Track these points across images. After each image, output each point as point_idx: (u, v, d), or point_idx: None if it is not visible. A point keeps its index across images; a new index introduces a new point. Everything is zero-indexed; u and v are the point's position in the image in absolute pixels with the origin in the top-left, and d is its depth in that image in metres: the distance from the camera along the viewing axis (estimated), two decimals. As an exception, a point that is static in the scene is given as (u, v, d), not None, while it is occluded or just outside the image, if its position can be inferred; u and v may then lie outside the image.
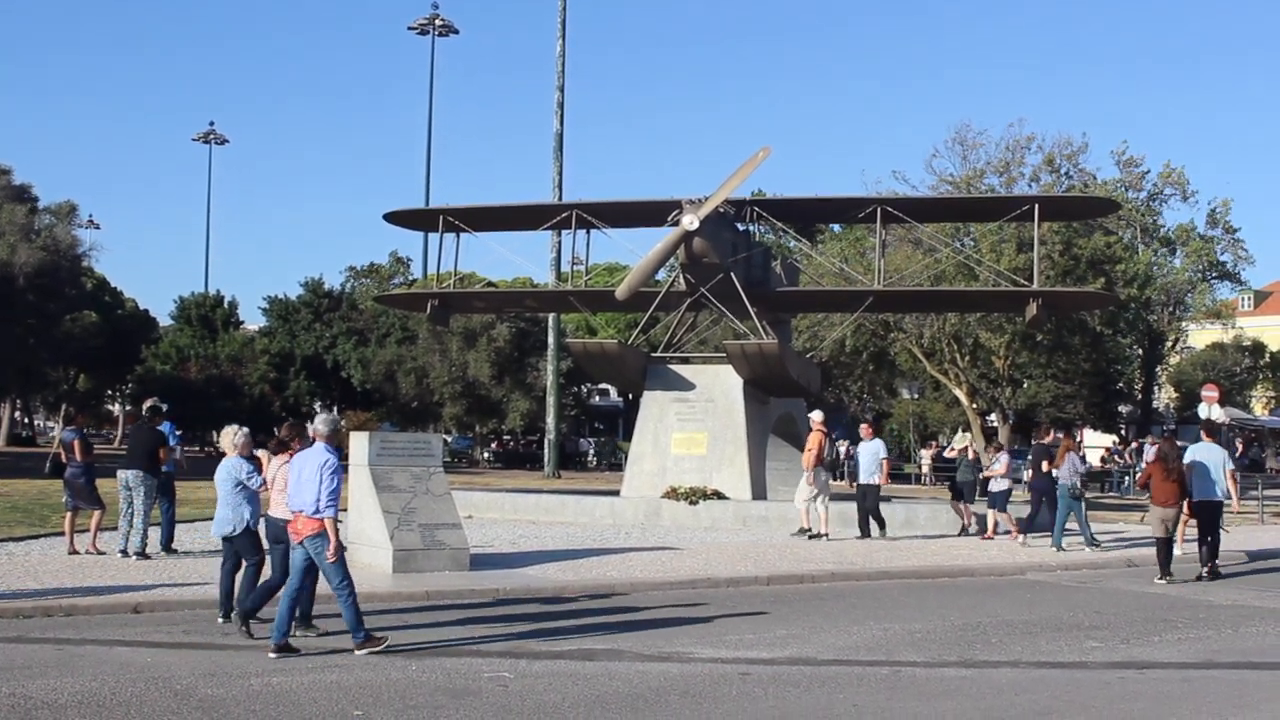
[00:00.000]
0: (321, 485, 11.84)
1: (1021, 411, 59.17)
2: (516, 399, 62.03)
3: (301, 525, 12.01)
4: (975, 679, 11.53)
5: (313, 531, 11.94)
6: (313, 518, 11.90)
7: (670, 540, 23.08)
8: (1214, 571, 20.38)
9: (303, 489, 11.99)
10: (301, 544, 12.08)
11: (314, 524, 11.92)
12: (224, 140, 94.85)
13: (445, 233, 31.75)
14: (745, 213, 30.48)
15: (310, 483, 11.92)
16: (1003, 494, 24.71)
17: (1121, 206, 49.95)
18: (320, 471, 11.88)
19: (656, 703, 10.20)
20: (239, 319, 78.95)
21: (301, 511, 11.99)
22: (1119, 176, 57.41)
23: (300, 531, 12.04)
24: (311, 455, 12.11)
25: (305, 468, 12.06)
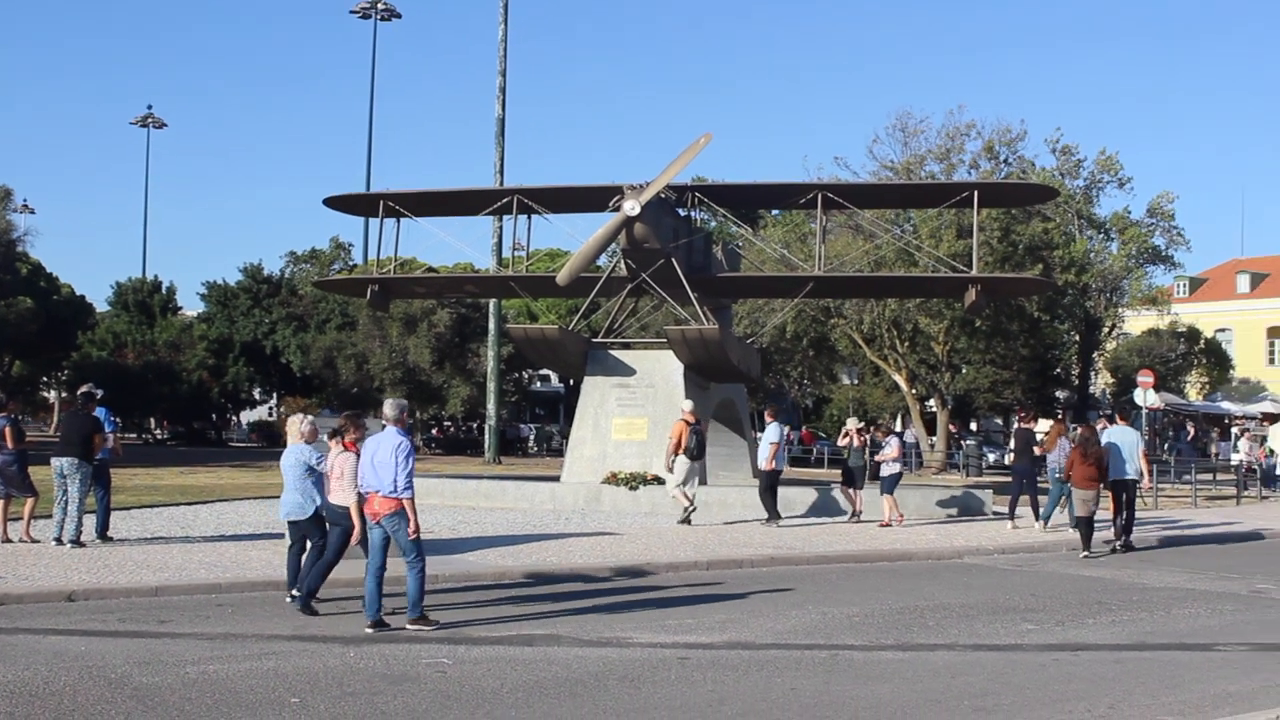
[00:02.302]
0: (398, 468, 12.43)
1: (960, 397, 59.66)
2: (457, 385, 61.80)
3: (379, 505, 12.57)
4: (912, 662, 11.62)
5: (390, 510, 12.52)
6: (389, 497, 12.48)
7: (610, 525, 23.10)
8: (1128, 545, 22.06)
9: (378, 471, 12.53)
10: (379, 523, 12.63)
11: (391, 503, 12.51)
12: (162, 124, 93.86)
13: (386, 218, 31.56)
14: (687, 198, 30.48)
15: (385, 465, 12.47)
16: (892, 478, 24.71)
17: (1059, 193, 50.34)
18: (395, 454, 12.46)
19: (595, 687, 10.21)
20: (177, 305, 78.19)
21: (378, 492, 12.54)
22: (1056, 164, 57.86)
23: (378, 511, 12.59)
24: (385, 439, 12.64)
25: (379, 451, 12.59)
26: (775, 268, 44.14)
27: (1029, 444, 25.50)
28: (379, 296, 33.38)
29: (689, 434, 23.78)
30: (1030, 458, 25.25)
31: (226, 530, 21.06)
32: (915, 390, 56.20)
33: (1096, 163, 58.96)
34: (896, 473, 24.88)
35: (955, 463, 52.87)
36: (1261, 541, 25.08)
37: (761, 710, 9.54)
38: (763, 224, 59.50)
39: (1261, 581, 18.05)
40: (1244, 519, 28.73)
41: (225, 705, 9.36)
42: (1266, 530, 26.51)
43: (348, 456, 13.28)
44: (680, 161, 26.72)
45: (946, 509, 26.97)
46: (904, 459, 25.58)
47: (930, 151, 54.30)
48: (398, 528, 12.58)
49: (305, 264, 75.80)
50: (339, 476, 13.34)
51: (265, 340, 70.00)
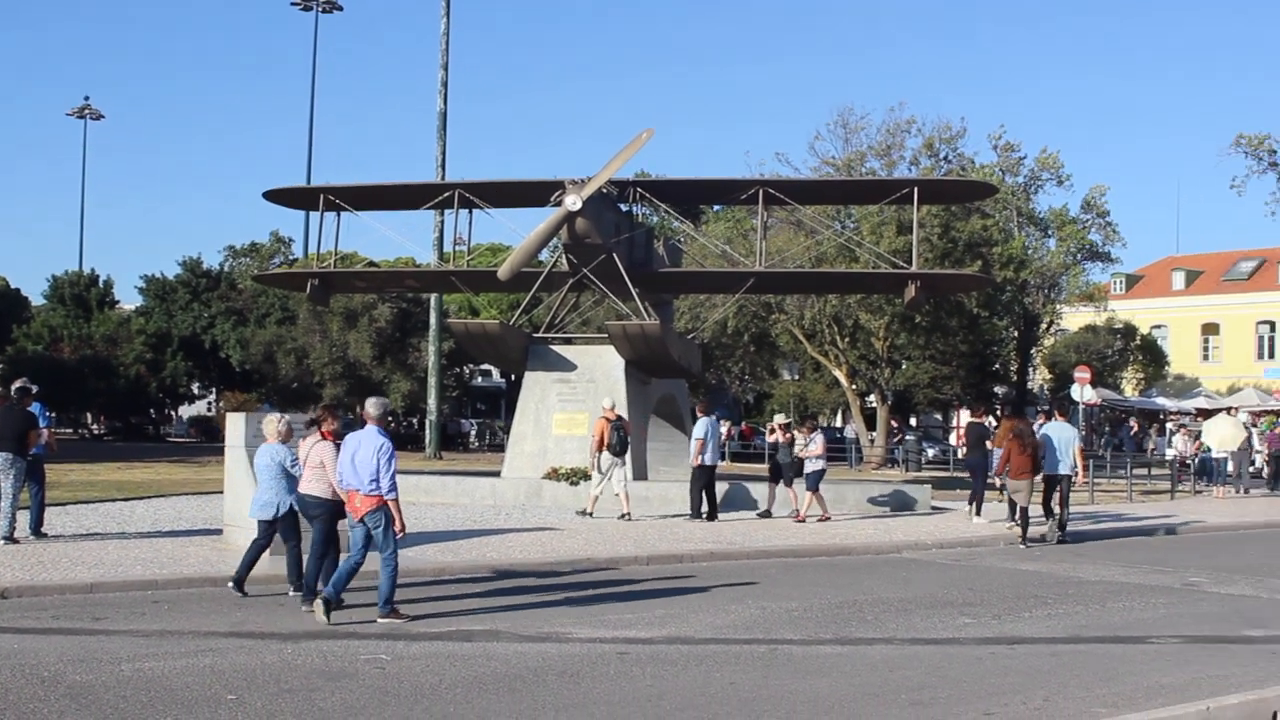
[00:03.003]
0: (381, 469, 12.57)
1: (900, 392, 59.99)
2: (398, 380, 61.57)
3: (360, 502, 12.72)
4: (851, 656, 11.69)
5: (370, 508, 12.67)
6: (370, 495, 12.63)
7: (551, 521, 23.09)
8: (1061, 538, 22.60)
9: (357, 469, 12.67)
10: (361, 520, 12.77)
11: (372, 500, 12.66)
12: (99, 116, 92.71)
13: (326, 211, 31.39)
14: (628, 193, 30.50)
15: (365, 464, 12.61)
16: (816, 474, 24.67)
17: (999, 191, 50.71)
18: (377, 456, 12.59)
19: (534, 683, 10.21)
20: (114, 298, 77.46)
21: (358, 490, 12.69)
22: (996, 161, 58.28)
23: (359, 509, 12.74)
24: (366, 438, 12.76)
25: (360, 450, 12.71)
26: (717, 263, 44.16)
27: (981, 439, 25.83)
28: (319, 291, 33.20)
29: (610, 430, 23.86)
30: (983, 452, 25.57)
31: (163, 526, 20.89)
32: (855, 386, 56.44)
33: (1037, 160, 59.46)
34: (820, 469, 24.78)
35: (895, 458, 53.16)
36: (1195, 535, 25.38)
37: (700, 705, 9.57)
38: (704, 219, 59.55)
39: (1194, 575, 18.27)
40: (1178, 513, 29.07)
41: (160, 703, 9.29)
42: (1199, 524, 26.85)
43: (326, 446, 13.37)
44: (622, 157, 26.73)
45: (878, 505, 27.09)
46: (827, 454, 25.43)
47: (871, 148, 54.51)
48: (377, 524, 12.71)
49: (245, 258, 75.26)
50: (318, 465, 13.37)
51: (204, 335, 69.48)
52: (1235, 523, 27.74)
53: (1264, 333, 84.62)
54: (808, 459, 24.75)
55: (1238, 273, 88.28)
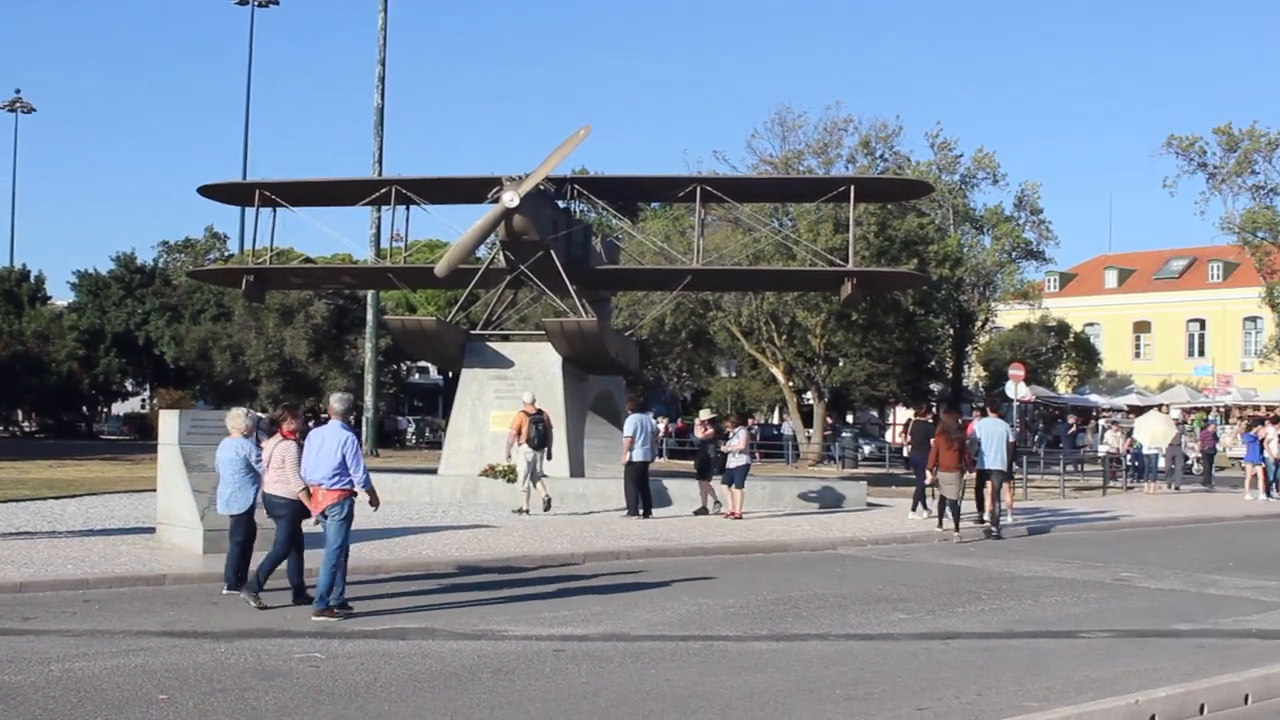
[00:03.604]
0: (349, 463, 12.82)
1: (836, 389, 60.26)
2: (334, 377, 61.20)
3: (322, 497, 12.90)
4: (786, 652, 11.74)
5: (332, 501, 12.88)
6: (332, 489, 12.83)
7: (487, 518, 23.04)
8: (995, 534, 23.16)
9: (320, 464, 12.87)
10: (324, 513, 12.95)
11: (333, 495, 12.86)
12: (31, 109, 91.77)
13: (262, 207, 31.19)
14: (566, 190, 30.47)
15: (328, 458, 12.81)
16: (741, 470, 24.63)
17: (934, 189, 51.04)
18: (341, 450, 12.81)
19: (470, 680, 10.19)
20: (46, 294, 76.43)
21: (321, 484, 12.87)
22: (933, 159, 58.70)
23: (321, 502, 12.92)
24: (330, 433, 13.01)
25: (324, 445, 12.92)
26: (654, 260, 44.22)
27: (926, 437, 25.89)
28: (254, 287, 32.97)
29: (529, 424, 23.91)
30: (927, 450, 25.63)
31: (95, 525, 20.66)
32: (792, 383, 56.65)
33: (973, 159, 59.97)
34: (744, 464, 24.73)
35: (832, 455, 53.41)
36: (1126, 531, 25.68)
37: (635, 702, 9.58)
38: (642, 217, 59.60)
39: (1125, 570, 18.48)
40: (1110, 508, 29.42)
41: (90, 703, 9.18)
42: (1130, 519, 27.18)
43: (288, 445, 13.39)
44: (560, 153, 26.69)
45: (814, 502, 27.22)
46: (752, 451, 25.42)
47: (808, 146, 54.73)
48: (335, 515, 12.89)
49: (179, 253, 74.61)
50: (280, 465, 13.37)
51: (138, 331, 68.78)
52: (1166, 518, 28.10)
53: (1194, 331, 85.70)
54: (731, 455, 24.72)
55: (1169, 271, 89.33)
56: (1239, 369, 78.50)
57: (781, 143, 54.77)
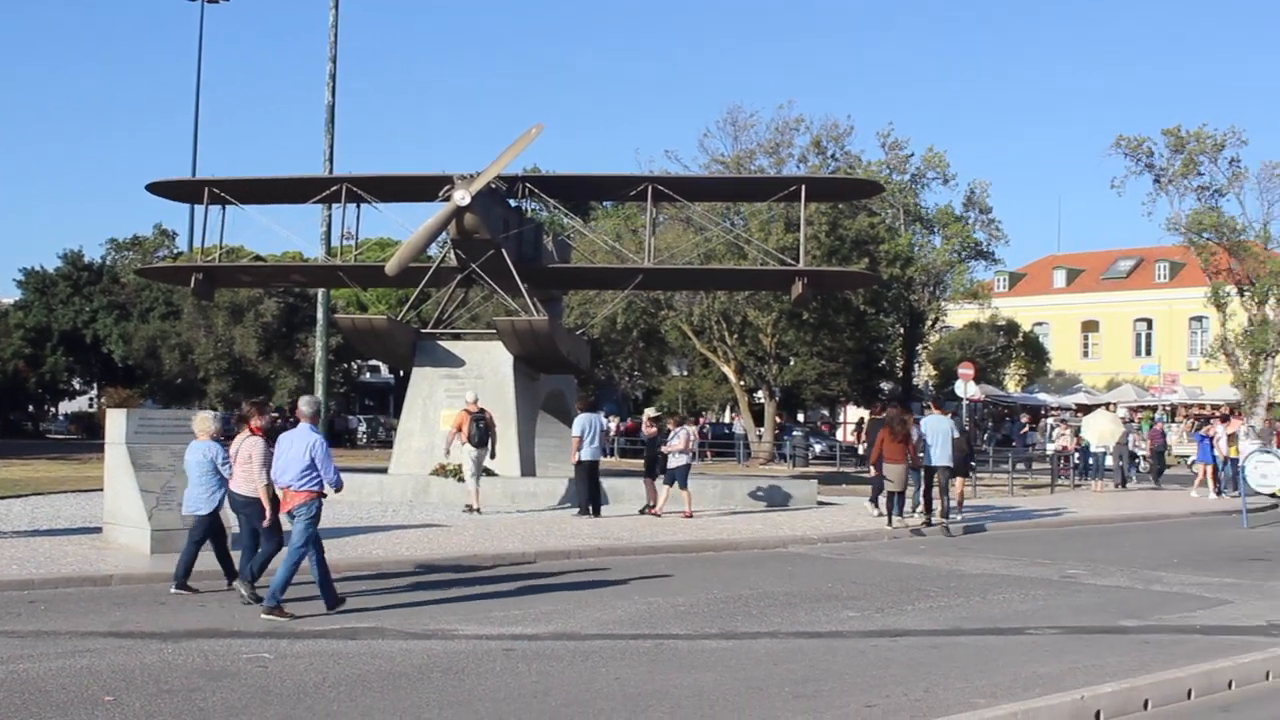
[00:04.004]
0: (319, 465, 12.94)
1: (787, 388, 60.48)
2: (284, 376, 60.87)
3: (290, 497, 13.03)
4: (736, 650, 11.77)
5: (300, 501, 12.98)
6: (299, 490, 12.94)
7: (438, 517, 22.99)
8: (945, 528, 23.58)
9: (289, 466, 12.98)
10: (291, 514, 13.06)
11: (299, 496, 12.96)
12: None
13: (211, 205, 30.97)
14: (517, 189, 30.41)
15: (296, 460, 12.92)
16: (682, 469, 24.61)
17: (885, 189, 51.27)
18: (309, 452, 12.92)
19: (419, 680, 10.17)
20: (-9, 292, 75.75)
21: (289, 486, 12.99)
22: (884, 159, 58.98)
23: (290, 502, 13.06)
24: (298, 436, 13.09)
25: (292, 447, 13.03)
26: (606, 259, 44.24)
27: None
28: (203, 285, 32.74)
29: (470, 423, 23.94)
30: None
31: (41, 525, 20.47)
32: (744, 382, 56.81)
33: (923, 159, 60.30)
34: (684, 464, 24.72)
35: (783, 453, 53.58)
36: (1073, 528, 25.89)
37: (585, 700, 9.59)
38: (594, 216, 59.62)
39: (1072, 567, 18.64)
40: (1057, 506, 29.66)
41: (35, 705, 9.11)
42: (1078, 517, 27.41)
43: (255, 441, 13.65)
44: (511, 152, 26.66)
45: (765, 500, 27.31)
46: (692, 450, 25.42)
47: (760, 146, 54.91)
48: (301, 516, 12.99)
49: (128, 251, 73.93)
50: (247, 461, 13.53)
51: (85, 329, 68.14)
52: (1113, 516, 28.35)
53: (1141, 330, 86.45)
54: (671, 454, 24.73)
55: (1116, 271, 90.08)
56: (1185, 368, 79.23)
57: (733, 142, 54.97)
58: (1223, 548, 22.34)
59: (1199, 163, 63.95)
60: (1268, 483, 26.81)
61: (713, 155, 54.90)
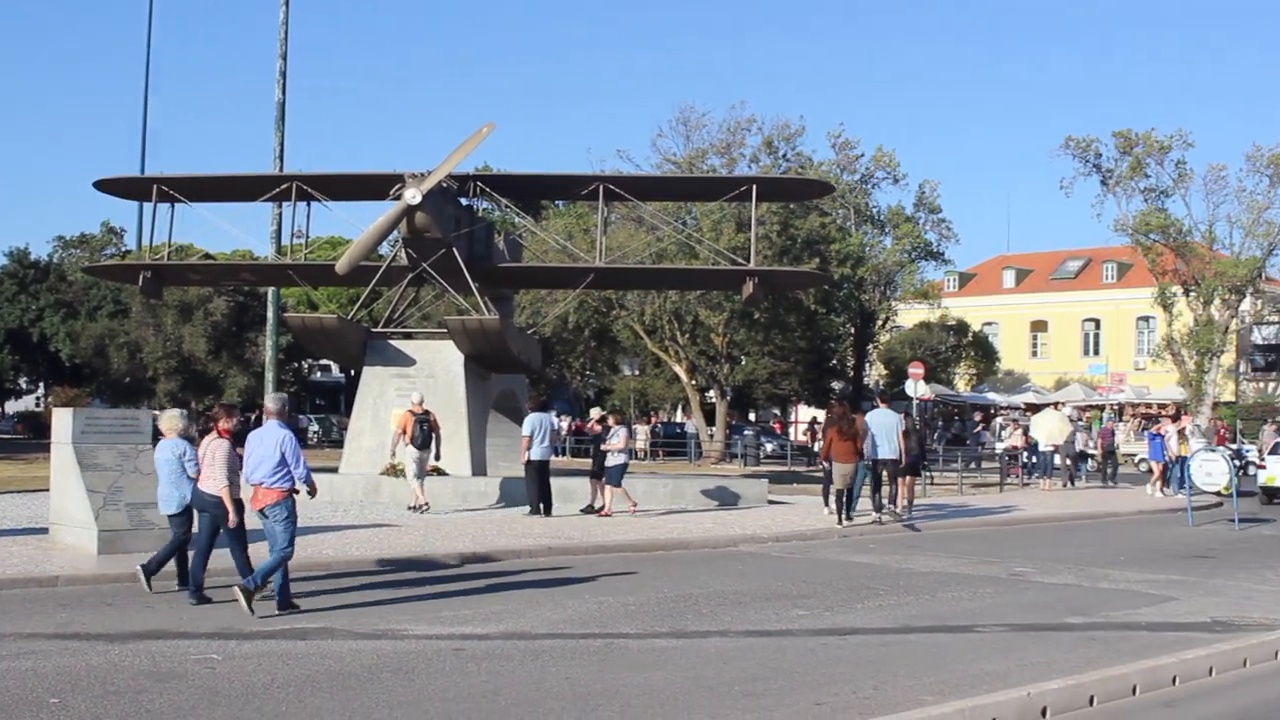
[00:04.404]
0: (289, 459, 13.05)
1: (739, 388, 60.63)
2: (234, 375, 60.57)
3: (262, 495, 13.10)
4: (686, 649, 11.79)
5: (273, 500, 13.07)
6: (271, 488, 13.02)
7: (389, 517, 22.91)
8: (894, 516, 24.32)
9: (261, 464, 13.08)
10: (263, 512, 13.15)
11: (273, 494, 13.05)
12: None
13: (160, 202, 30.74)
14: (469, 188, 30.36)
15: (268, 458, 13.02)
16: (617, 468, 24.57)
17: (836, 189, 51.52)
18: (279, 448, 13.04)
19: (369, 680, 10.13)
20: (-64, 290, 74.82)
21: (262, 484, 13.07)
22: (834, 159, 59.23)
23: (261, 500, 13.12)
24: (268, 433, 13.20)
25: (262, 445, 13.14)
26: (558, 258, 44.25)
27: None
28: (152, 284, 32.50)
29: (414, 424, 23.94)
30: None
31: (-15, 525, 20.27)
32: (695, 381, 56.93)
33: (873, 159, 60.60)
34: (621, 463, 24.67)
35: (734, 452, 53.71)
36: (1022, 526, 26.07)
37: (535, 700, 9.58)
38: (546, 215, 59.58)
39: (1020, 565, 18.78)
40: (1006, 505, 29.85)
41: (-22, 707, 9.04)
42: (1026, 515, 27.62)
43: (221, 443, 13.61)
44: (462, 150, 26.62)
45: (716, 499, 27.37)
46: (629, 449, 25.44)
47: (712, 145, 55.07)
48: (278, 517, 13.10)
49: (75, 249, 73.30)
50: (211, 462, 13.52)
51: (32, 328, 67.52)
52: (1060, 514, 28.59)
53: (1089, 330, 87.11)
54: (609, 453, 24.75)
55: (1065, 272, 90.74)
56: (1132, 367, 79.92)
57: (685, 142, 55.13)
58: (1168, 545, 22.55)
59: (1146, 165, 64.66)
60: (1212, 481, 27.13)
61: (665, 155, 55.08)
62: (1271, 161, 64.08)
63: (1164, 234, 65.45)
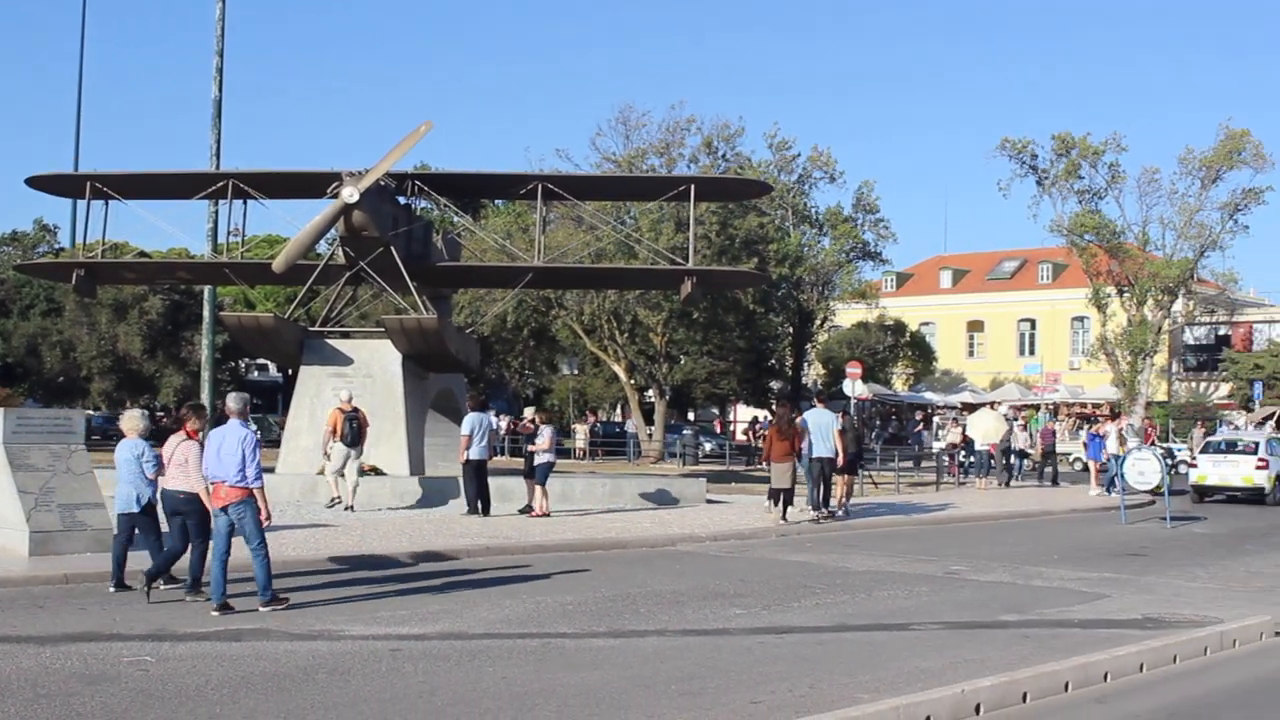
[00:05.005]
0: (246, 460, 13.11)
1: (678, 387, 60.74)
2: (170, 374, 59.96)
3: (225, 493, 13.19)
4: (623, 648, 11.81)
5: (235, 499, 13.16)
6: (235, 486, 13.11)
7: (326, 517, 22.79)
8: (830, 514, 24.55)
9: (222, 461, 13.16)
10: (225, 510, 13.24)
11: (236, 492, 13.14)
12: None
13: (93, 199, 30.38)
14: (407, 187, 30.20)
15: (231, 456, 13.11)
16: (544, 467, 24.50)
17: (774, 189, 51.67)
18: (241, 447, 13.13)
19: (304, 681, 10.09)
20: None
21: (223, 481, 13.16)
22: (773, 159, 59.45)
23: (223, 499, 13.21)
24: (230, 431, 13.29)
25: (224, 443, 13.21)
26: (496, 258, 44.10)
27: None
28: (85, 282, 32.12)
29: (344, 422, 23.91)
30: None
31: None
32: (634, 381, 56.98)
33: (810, 159, 60.86)
34: (548, 462, 24.60)
35: (673, 452, 53.78)
36: (958, 525, 26.29)
37: (472, 700, 9.57)
38: (485, 214, 59.44)
39: (955, 563, 18.95)
40: (942, 503, 30.09)
41: (-94, 711, 8.92)
42: (962, 514, 27.85)
43: (191, 445, 13.75)
44: (400, 149, 26.50)
45: (654, 499, 27.42)
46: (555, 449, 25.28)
47: (651, 145, 55.14)
48: (242, 515, 13.20)
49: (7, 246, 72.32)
50: (182, 464, 13.69)
51: (-38, 327, 66.64)
52: (996, 513, 28.86)
53: (1025, 330, 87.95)
54: (536, 452, 24.70)
55: (1001, 272, 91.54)
56: (1067, 367, 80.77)
57: (625, 142, 55.14)
58: (1101, 543, 22.82)
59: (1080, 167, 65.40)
60: (1145, 480, 27.48)
61: (604, 154, 55.07)
62: (1203, 164, 64.98)
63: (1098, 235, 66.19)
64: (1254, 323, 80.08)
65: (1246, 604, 15.21)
